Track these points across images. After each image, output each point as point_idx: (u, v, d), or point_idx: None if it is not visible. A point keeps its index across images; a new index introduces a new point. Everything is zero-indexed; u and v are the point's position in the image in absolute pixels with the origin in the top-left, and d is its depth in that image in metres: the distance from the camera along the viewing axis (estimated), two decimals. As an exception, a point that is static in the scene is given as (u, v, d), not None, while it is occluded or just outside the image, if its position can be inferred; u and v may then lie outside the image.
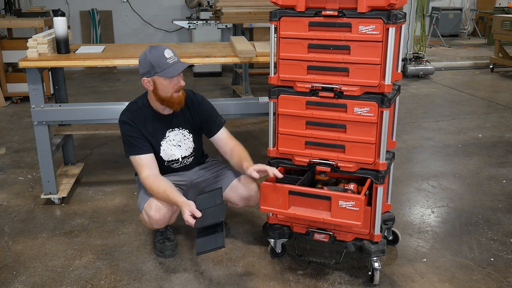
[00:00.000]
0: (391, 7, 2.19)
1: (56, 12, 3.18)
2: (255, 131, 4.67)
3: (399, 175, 3.78)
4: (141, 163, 2.57)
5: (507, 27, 7.71)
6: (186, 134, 2.74)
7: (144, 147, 2.59)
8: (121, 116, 2.65)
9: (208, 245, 2.29)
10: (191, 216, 2.31)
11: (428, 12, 11.11)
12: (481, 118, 5.37)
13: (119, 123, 2.65)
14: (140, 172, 2.57)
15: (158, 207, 2.52)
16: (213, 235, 2.30)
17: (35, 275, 2.54)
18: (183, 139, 2.73)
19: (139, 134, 2.60)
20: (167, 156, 2.71)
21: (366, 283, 2.46)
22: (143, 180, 2.56)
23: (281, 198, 2.34)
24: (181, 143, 2.73)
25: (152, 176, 2.54)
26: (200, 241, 2.32)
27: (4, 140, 4.71)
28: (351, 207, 2.21)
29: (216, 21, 7.02)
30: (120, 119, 2.64)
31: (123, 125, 2.62)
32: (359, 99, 2.30)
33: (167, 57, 2.48)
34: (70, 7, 8.11)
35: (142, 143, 2.59)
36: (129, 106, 2.68)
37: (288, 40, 2.37)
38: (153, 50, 2.49)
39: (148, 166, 2.57)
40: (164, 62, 2.46)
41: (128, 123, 2.60)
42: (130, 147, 2.59)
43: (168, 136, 2.69)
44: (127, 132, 2.60)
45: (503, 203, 3.35)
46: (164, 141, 2.68)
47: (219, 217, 2.31)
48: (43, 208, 3.29)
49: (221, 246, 2.27)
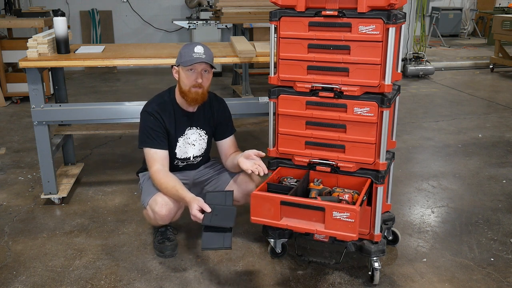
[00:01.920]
0: (391, 7, 2.19)
1: (56, 12, 3.18)
2: (255, 131, 4.67)
3: (399, 175, 3.78)
4: (155, 157, 2.59)
5: (507, 27, 7.71)
6: (202, 135, 2.76)
7: (162, 142, 2.61)
8: (146, 107, 2.66)
9: (215, 242, 2.26)
10: (199, 211, 2.31)
11: (428, 12, 11.11)
12: (481, 118, 5.37)
13: (143, 113, 2.65)
14: (151, 165, 2.58)
15: (164, 203, 2.52)
16: (221, 233, 2.27)
17: (35, 275, 2.54)
18: (198, 138, 2.75)
19: (161, 128, 2.61)
20: (181, 153, 2.73)
21: (366, 283, 2.46)
22: (152, 173, 2.56)
23: (273, 209, 2.21)
24: (196, 143, 2.75)
25: (162, 170, 2.56)
26: (207, 235, 2.27)
27: (4, 140, 4.71)
28: (346, 219, 2.08)
29: (216, 21, 7.03)
30: (146, 109, 2.65)
31: (148, 116, 2.62)
32: (359, 99, 2.30)
33: (195, 51, 2.53)
34: (70, 7, 8.11)
35: (161, 137, 2.61)
36: (156, 98, 2.70)
37: (288, 40, 2.37)
38: (188, 44, 2.60)
39: (161, 161, 2.59)
40: (189, 54, 2.53)
41: (154, 115, 2.61)
42: (148, 139, 2.60)
43: (186, 134, 2.71)
44: (149, 124, 2.61)
45: (503, 203, 3.35)
46: (182, 138, 2.70)
47: (228, 222, 2.27)
48: (43, 208, 3.29)
49: (228, 247, 2.25)
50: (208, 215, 2.30)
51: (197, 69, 2.55)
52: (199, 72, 2.55)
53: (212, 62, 2.59)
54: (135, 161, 3.91)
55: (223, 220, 2.28)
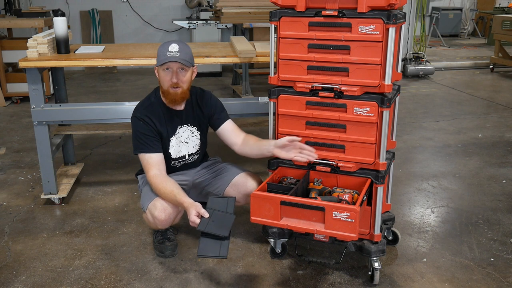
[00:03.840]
0: (391, 7, 2.19)
1: (56, 12, 3.18)
2: (255, 131, 4.63)
3: (399, 175, 3.78)
4: (150, 161, 2.56)
5: (507, 27, 7.71)
6: (194, 131, 2.75)
7: (155, 146, 2.58)
8: (135, 112, 2.64)
9: (212, 250, 2.23)
10: (197, 216, 2.30)
11: (428, 12, 11.12)
12: (481, 118, 5.37)
13: (132, 119, 2.63)
14: (148, 170, 2.56)
15: (163, 208, 2.51)
16: (218, 241, 2.25)
17: (35, 275, 2.54)
18: (190, 135, 2.74)
19: (152, 132, 2.59)
20: (175, 153, 2.71)
21: (366, 283, 2.46)
22: (150, 178, 2.55)
23: (273, 209, 2.21)
24: (189, 140, 2.74)
25: (159, 175, 2.54)
26: (204, 242, 2.25)
27: (4, 140, 4.71)
28: (346, 219, 2.08)
29: (216, 21, 7.03)
30: (135, 115, 2.62)
31: (137, 122, 2.60)
32: (359, 99, 2.30)
33: (169, 50, 2.49)
34: (70, 7, 8.11)
35: (154, 141, 2.58)
36: (143, 102, 2.68)
37: (288, 40, 2.37)
38: (165, 42, 2.55)
39: (157, 166, 2.56)
40: (164, 54, 2.49)
41: (143, 120, 2.59)
42: (141, 145, 2.58)
43: (178, 133, 2.70)
44: (140, 129, 2.59)
45: (503, 203, 3.35)
46: (174, 137, 2.69)
47: (224, 231, 2.24)
48: (43, 208, 3.29)
49: (224, 256, 2.23)
50: (205, 221, 2.27)
51: (172, 68, 2.51)
52: (174, 71, 2.51)
53: (188, 60, 2.52)
54: (135, 161, 3.90)
55: (220, 228, 2.25)
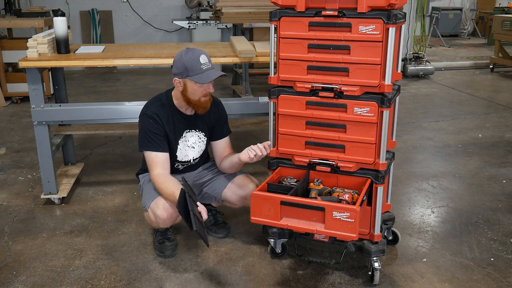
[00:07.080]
0: (391, 7, 2.19)
1: (56, 12, 3.18)
2: (255, 131, 4.66)
3: (399, 175, 3.78)
4: (156, 160, 2.57)
5: (507, 27, 7.71)
6: (201, 137, 2.75)
7: (162, 145, 2.59)
8: (145, 109, 2.63)
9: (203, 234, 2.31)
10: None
11: (428, 12, 11.12)
12: (481, 118, 5.37)
13: (142, 116, 2.62)
14: (152, 169, 2.56)
15: (166, 207, 2.52)
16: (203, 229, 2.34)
17: (35, 275, 2.54)
18: (197, 141, 2.74)
19: (161, 131, 2.59)
20: (182, 156, 2.72)
21: (366, 283, 2.46)
22: (153, 177, 2.55)
23: (273, 209, 2.22)
24: (195, 145, 2.74)
25: (163, 174, 2.55)
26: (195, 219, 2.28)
27: (4, 140, 4.71)
28: (346, 219, 2.08)
29: (216, 21, 7.04)
30: (145, 112, 2.62)
31: (147, 119, 2.59)
32: (359, 99, 2.30)
33: (202, 62, 2.47)
34: (70, 7, 8.12)
35: (161, 140, 2.59)
36: (154, 101, 2.66)
37: (288, 40, 2.37)
38: (189, 53, 2.49)
39: (162, 165, 2.57)
40: (198, 67, 2.46)
41: (153, 118, 2.58)
42: (149, 142, 2.57)
43: (184, 136, 2.69)
44: (149, 127, 2.58)
45: (503, 203, 3.35)
46: (181, 140, 2.69)
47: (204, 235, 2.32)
48: (43, 208, 3.29)
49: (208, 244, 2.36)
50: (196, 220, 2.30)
51: None
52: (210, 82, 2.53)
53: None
54: (135, 161, 3.91)
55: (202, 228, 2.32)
